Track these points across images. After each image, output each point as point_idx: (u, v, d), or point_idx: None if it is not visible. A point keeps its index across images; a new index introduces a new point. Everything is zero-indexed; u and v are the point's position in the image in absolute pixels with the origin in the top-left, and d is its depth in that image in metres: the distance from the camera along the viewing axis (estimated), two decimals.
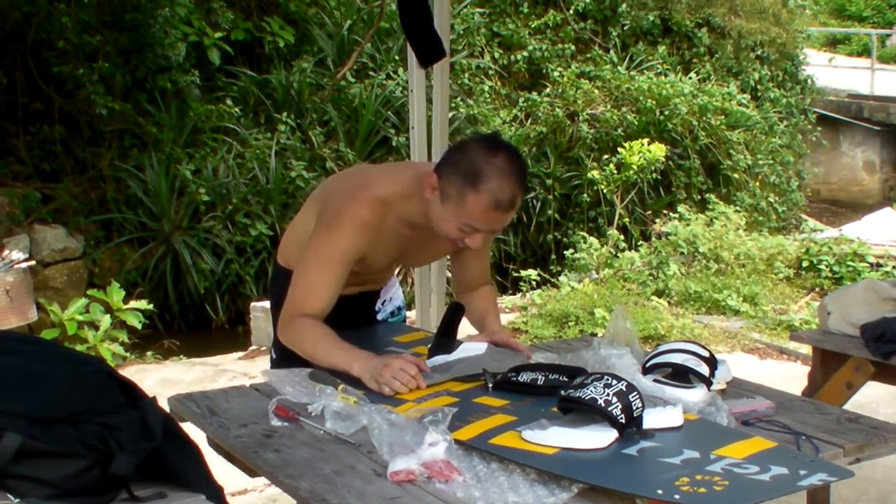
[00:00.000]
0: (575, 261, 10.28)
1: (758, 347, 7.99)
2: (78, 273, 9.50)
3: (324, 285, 3.09)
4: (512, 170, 2.93)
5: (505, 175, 2.91)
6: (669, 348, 3.05)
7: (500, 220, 3.00)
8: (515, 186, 2.93)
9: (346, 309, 3.40)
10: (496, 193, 2.89)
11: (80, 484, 2.15)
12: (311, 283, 3.10)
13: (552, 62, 13.65)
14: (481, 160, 2.92)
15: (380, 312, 3.71)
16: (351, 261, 3.11)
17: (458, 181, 2.93)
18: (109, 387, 2.35)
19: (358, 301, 3.53)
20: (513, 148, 3.07)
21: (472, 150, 2.98)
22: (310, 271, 3.12)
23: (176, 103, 10.74)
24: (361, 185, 3.20)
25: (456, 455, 2.40)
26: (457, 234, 3.01)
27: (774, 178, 13.37)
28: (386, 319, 3.72)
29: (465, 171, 2.92)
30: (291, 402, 2.82)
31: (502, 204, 2.91)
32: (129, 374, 2.78)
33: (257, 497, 5.04)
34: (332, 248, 3.09)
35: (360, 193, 3.14)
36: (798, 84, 16.00)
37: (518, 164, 2.98)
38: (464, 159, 2.96)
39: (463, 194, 2.92)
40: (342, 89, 11.85)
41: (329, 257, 3.09)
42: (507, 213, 2.96)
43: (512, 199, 2.92)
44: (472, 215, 2.93)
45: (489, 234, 3.08)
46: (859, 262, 9.97)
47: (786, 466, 2.28)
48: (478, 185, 2.89)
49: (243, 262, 10.00)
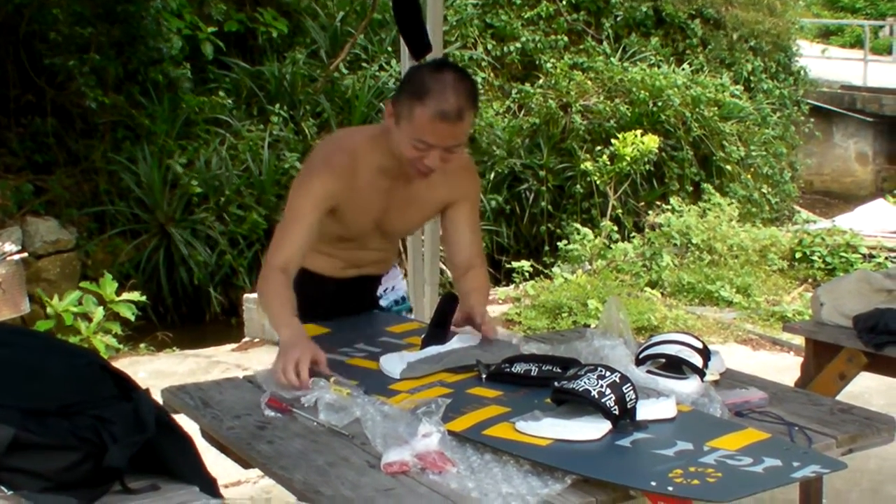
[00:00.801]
0: (568, 252, 10.29)
1: (751, 338, 8.00)
2: (71, 265, 9.48)
3: (293, 235, 3.19)
4: (456, 84, 3.06)
5: (449, 88, 3.03)
6: (663, 339, 3.05)
7: (450, 133, 3.08)
8: (461, 99, 3.04)
9: (347, 292, 3.44)
10: (441, 104, 3.01)
11: (74, 476, 2.15)
12: (283, 235, 3.21)
13: (545, 53, 13.64)
14: (427, 77, 3.08)
15: (382, 299, 3.71)
16: (323, 207, 3.20)
17: (407, 99, 3.08)
18: (103, 379, 2.35)
19: (358, 285, 3.56)
20: (460, 68, 3.25)
21: (421, 71, 3.18)
22: (283, 224, 3.25)
23: (168, 95, 10.72)
24: (329, 140, 3.53)
25: (450, 446, 2.40)
26: (414, 154, 3.10)
27: (767, 169, 13.37)
28: (391, 308, 3.72)
29: (413, 88, 3.08)
30: (284, 393, 2.82)
31: (448, 115, 3.02)
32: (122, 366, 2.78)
33: (251, 488, 5.03)
34: (302, 197, 3.21)
35: (328, 145, 3.41)
36: (791, 75, 16.00)
37: (464, 80, 3.12)
38: (411, 79, 3.15)
39: (412, 109, 3.05)
40: (335, 81, 11.84)
41: (300, 206, 3.21)
42: (455, 124, 3.05)
43: (458, 110, 3.03)
44: (421, 128, 3.05)
45: (446, 154, 3.13)
46: (852, 254, 9.99)
47: (779, 458, 2.29)
48: (424, 98, 3.03)
49: (236, 254, 9.99)
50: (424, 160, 3.11)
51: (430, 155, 3.10)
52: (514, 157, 12.10)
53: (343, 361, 3.09)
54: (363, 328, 3.44)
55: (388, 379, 2.94)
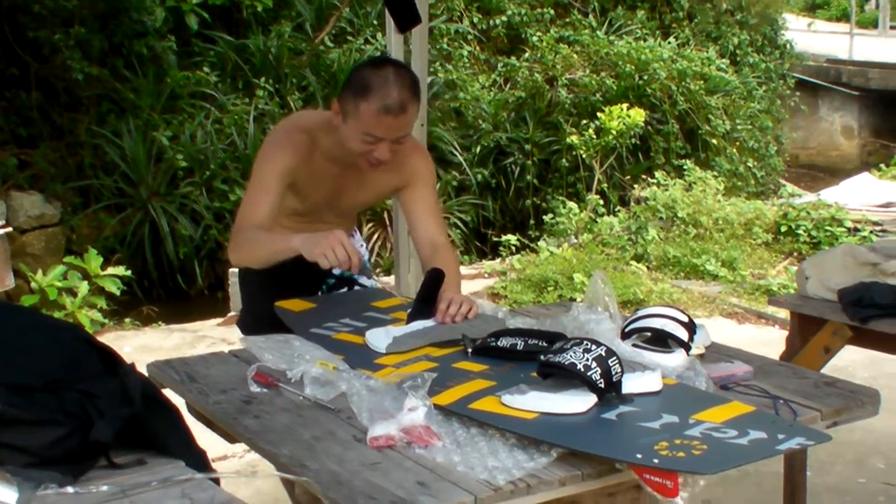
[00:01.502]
0: (554, 226, 10.30)
1: (736, 312, 8.03)
2: (55, 240, 9.45)
3: (262, 203, 3.31)
4: (397, 78, 3.21)
5: (391, 82, 3.18)
6: (648, 313, 3.06)
7: (395, 125, 3.22)
8: (404, 91, 3.19)
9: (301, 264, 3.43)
10: (384, 99, 3.16)
11: (60, 451, 2.15)
12: (252, 204, 3.34)
13: (531, 27, 13.59)
14: (369, 74, 3.23)
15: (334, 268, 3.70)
16: (284, 180, 3.33)
17: (352, 96, 3.22)
18: (88, 354, 2.34)
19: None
20: (400, 63, 3.45)
21: (362, 69, 3.31)
22: (250, 195, 3.39)
23: (153, 69, 10.66)
24: (288, 120, 3.67)
25: (435, 420, 2.41)
26: (363, 147, 3.25)
27: (753, 143, 13.38)
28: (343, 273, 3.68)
29: (357, 86, 3.22)
30: (270, 368, 2.83)
31: (391, 108, 3.17)
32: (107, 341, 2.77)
33: (237, 463, 5.04)
34: (264, 171, 3.36)
35: (288, 124, 3.56)
36: (777, 49, 15.97)
37: (404, 74, 3.28)
38: (354, 77, 3.28)
39: (357, 106, 3.20)
40: (320, 54, 11.79)
41: (266, 177, 3.34)
42: (398, 117, 3.20)
43: (401, 103, 3.18)
44: (367, 123, 3.19)
45: (394, 145, 3.26)
46: (837, 227, 10.02)
47: (764, 431, 2.29)
48: (367, 94, 3.18)
49: (222, 228, 9.95)
50: (374, 153, 3.25)
51: (379, 147, 3.24)
52: (499, 130, 12.08)
53: (329, 336, 3.10)
54: (349, 303, 3.44)
55: (374, 353, 2.94)
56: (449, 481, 2.17)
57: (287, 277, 3.51)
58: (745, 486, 4.82)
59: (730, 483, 4.79)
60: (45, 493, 2.07)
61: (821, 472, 4.94)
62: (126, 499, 2.08)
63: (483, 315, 3.23)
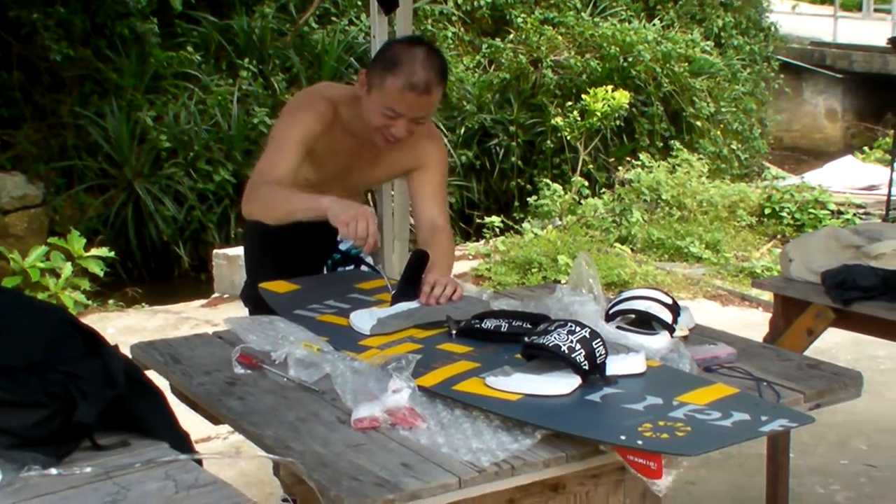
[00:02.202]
0: (538, 207, 10.30)
1: (720, 294, 8.05)
2: (38, 220, 9.42)
3: (282, 159, 3.31)
4: (427, 59, 3.24)
5: (420, 62, 3.21)
6: (632, 295, 3.06)
7: (417, 104, 3.25)
8: (431, 73, 3.22)
9: (306, 238, 3.45)
10: (411, 76, 3.19)
11: (43, 433, 2.14)
12: (270, 158, 3.34)
13: (515, 8, 13.55)
14: (401, 51, 3.27)
15: (342, 243, 3.70)
16: (305, 144, 3.33)
17: (380, 69, 3.26)
18: (71, 335, 2.33)
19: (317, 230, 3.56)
20: (433, 47, 3.45)
21: (395, 45, 3.38)
22: (268, 153, 3.38)
23: (136, 49, 10.62)
24: (312, 88, 3.68)
25: (419, 402, 2.40)
26: (382, 122, 3.27)
27: (737, 125, 13.38)
28: (350, 250, 3.70)
29: (386, 60, 3.27)
30: (255, 349, 2.82)
31: (417, 86, 3.20)
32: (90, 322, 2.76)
33: (221, 444, 5.04)
34: (286, 132, 3.36)
35: (312, 92, 3.60)
36: (761, 31, 15.97)
37: (435, 57, 3.30)
38: (386, 53, 3.33)
39: (383, 79, 3.22)
40: (304, 35, 11.76)
41: (285, 139, 3.35)
42: (422, 96, 3.23)
43: (427, 83, 3.21)
44: (390, 97, 3.22)
45: (412, 125, 3.29)
46: (820, 210, 10.06)
47: (747, 412, 2.30)
48: (395, 69, 3.21)
49: (206, 210, 9.94)
50: (391, 129, 3.27)
51: (397, 124, 3.26)
52: (484, 112, 12.07)
53: (313, 318, 3.09)
54: (333, 285, 3.44)
55: (359, 335, 2.94)
56: (433, 463, 2.17)
57: (294, 248, 3.56)
58: (728, 467, 4.84)
59: (713, 465, 4.81)
60: (29, 474, 2.06)
61: (804, 453, 4.96)
62: (109, 480, 2.08)
63: (467, 297, 3.23)
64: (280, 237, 3.54)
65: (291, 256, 3.59)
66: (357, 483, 2.07)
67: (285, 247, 3.59)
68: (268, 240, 3.62)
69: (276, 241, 3.58)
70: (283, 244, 3.59)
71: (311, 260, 3.64)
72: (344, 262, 3.72)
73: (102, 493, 2.03)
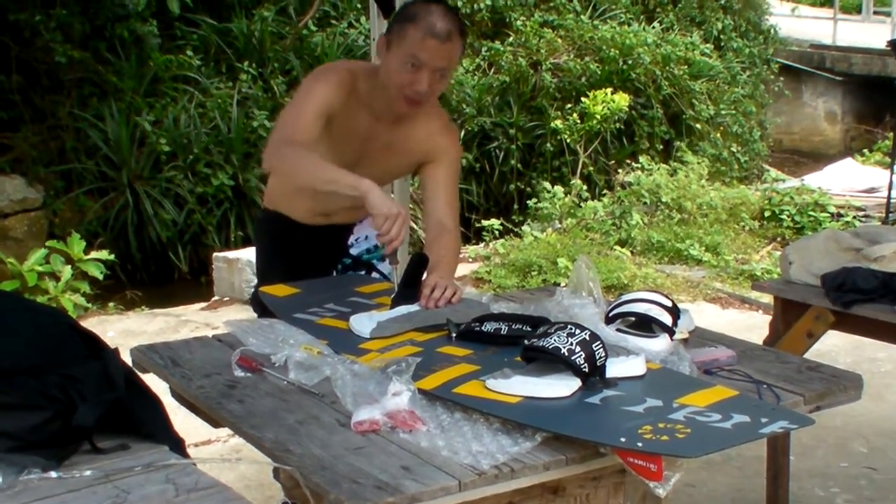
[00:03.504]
0: (538, 210, 10.29)
1: (720, 297, 8.04)
2: (38, 223, 9.42)
3: (307, 119, 3.25)
4: (447, 13, 3.23)
5: (439, 14, 3.20)
6: (632, 298, 3.06)
7: (439, 52, 3.20)
8: (451, 22, 3.21)
9: (316, 241, 3.44)
10: (432, 25, 3.17)
11: (42, 436, 2.14)
12: (294, 120, 3.28)
13: (515, 11, 13.55)
14: (419, 7, 3.24)
15: (353, 247, 3.70)
16: (325, 112, 3.26)
17: (398, 25, 3.25)
18: (71, 338, 2.33)
19: (327, 233, 3.57)
20: (451, 6, 3.38)
21: (410, 4, 3.32)
22: (292, 110, 3.35)
23: (136, 52, 10.62)
24: (331, 62, 3.77)
25: (420, 405, 2.40)
26: (404, 78, 3.22)
27: (737, 128, 13.38)
28: (361, 255, 3.71)
29: (406, 15, 3.26)
30: (254, 352, 2.82)
31: (439, 33, 3.17)
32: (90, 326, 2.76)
33: (221, 447, 5.04)
34: (309, 97, 3.30)
35: (331, 64, 3.69)
36: (761, 34, 15.97)
37: (452, 12, 3.29)
38: (405, 11, 3.31)
39: (404, 31, 3.21)
40: (304, 38, 11.76)
41: (307, 102, 3.29)
42: (444, 43, 3.19)
43: (448, 30, 3.19)
44: (412, 45, 3.18)
45: (434, 78, 3.25)
46: (820, 212, 10.06)
47: (747, 414, 2.30)
48: (416, 20, 3.20)
49: (205, 213, 9.94)
50: (415, 85, 3.21)
51: (419, 78, 3.20)
52: (483, 115, 12.06)
53: (313, 321, 3.09)
54: (333, 288, 3.43)
55: (358, 338, 2.94)
56: (433, 466, 2.17)
57: (304, 251, 3.55)
58: (728, 469, 4.83)
59: (713, 467, 4.81)
60: (29, 477, 2.06)
61: (803, 456, 4.96)
62: (109, 483, 2.08)
63: (467, 300, 3.23)
64: (290, 240, 3.55)
65: (301, 260, 3.57)
66: (357, 486, 2.07)
67: (295, 250, 3.58)
68: (278, 243, 3.61)
69: (286, 244, 3.57)
70: (293, 247, 3.58)
71: (320, 263, 3.63)
72: (354, 267, 3.71)
73: (102, 497, 2.03)
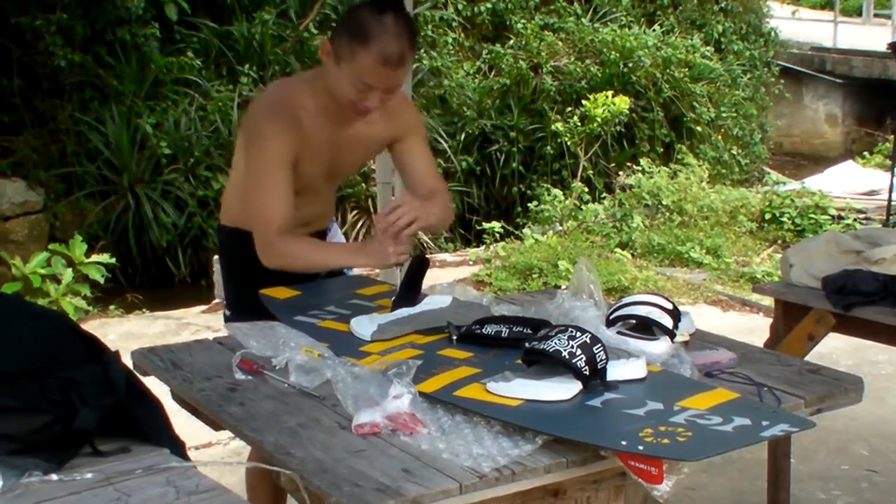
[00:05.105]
0: (539, 213, 10.29)
1: (720, 299, 8.04)
2: (39, 227, 9.43)
3: (277, 196, 3.18)
4: (399, 28, 3.06)
5: (392, 32, 3.04)
6: (633, 300, 3.06)
7: (392, 77, 3.11)
8: (403, 42, 3.07)
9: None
10: (384, 49, 3.03)
11: (43, 439, 2.14)
12: (267, 201, 3.20)
13: (516, 14, 13.56)
14: (369, 19, 3.06)
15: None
16: (288, 164, 3.19)
17: (348, 40, 3.07)
18: (72, 341, 2.33)
19: None
20: (401, 8, 3.19)
21: (361, 11, 3.13)
22: (259, 190, 3.22)
23: (136, 55, 10.62)
24: (268, 97, 3.47)
25: (420, 407, 2.40)
26: (354, 95, 3.13)
27: (737, 130, 13.38)
28: None
29: (354, 29, 3.07)
30: (255, 355, 2.82)
31: (391, 59, 3.05)
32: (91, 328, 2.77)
33: (221, 450, 5.04)
34: (267, 158, 3.19)
35: (269, 103, 3.36)
36: (761, 37, 15.98)
37: (406, 23, 3.12)
38: (353, 20, 3.12)
39: (354, 52, 3.06)
40: (305, 41, 11.75)
41: (269, 167, 3.19)
42: (397, 69, 3.09)
43: (400, 54, 3.06)
44: (363, 71, 3.06)
45: (386, 95, 3.17)
46: (821, 215, 10.05)
47: (748, 417, 2.30)
48: (367, 41, 3.03)
49: (206, 216, 9.93)
50: (365, 102, 3.14)
51: (371, 97, 3.13)
52: (484, 118, 12.07)
53: (314, 324, 3.09)
54: (333, 291, 3.43)
55: (359, 341, 2.93)
56: (434, 468, 2.17)
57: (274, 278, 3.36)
58: (729, 472, 4.83)
59: (714, 470, 4.80)
60: (30, 480, 2.06)
61: (804, 459, 4.96)
62: (110, 486, 2.08)
63: (468, 302, 3.23)
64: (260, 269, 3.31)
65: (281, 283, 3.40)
66: (358, 489, 2.07)
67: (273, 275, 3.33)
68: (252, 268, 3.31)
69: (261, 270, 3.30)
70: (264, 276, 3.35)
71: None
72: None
73: (103, 499, 2.03)
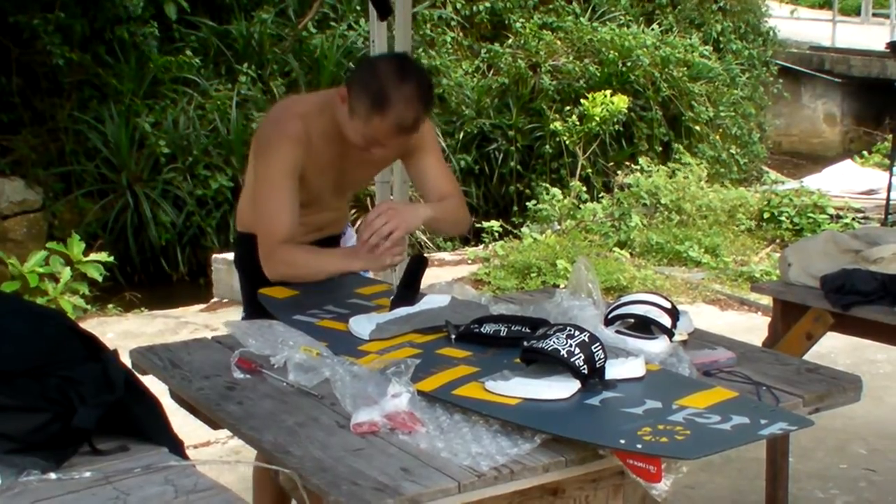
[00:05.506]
0: (537, 212, 10.29)
1: (719, 299, 8.05)
2: (37, 225, 9.42)
3: (282, 207, 3.21)
4: (418, 96, 3.09)
5: (410, 102, 3.07)
6: (631, 299, 3.06)
7: (405, 140, 3.21)
8: (419, 108, 3.10)
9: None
10: (400, 118, 3.06)
11: (42, 437, 2.14)
12: (272, 211, 3.23)
13: (514, 13, 13.57)
14: (390, 85, 3.05)
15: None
16: (294, 176, 3.23)
17: (366, 102, 3.06)
18: (70, 340, 2.33)
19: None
20: (422, 73, 3.24)
21: (382, 72, 3.10)
22: (265, 201, 3.27)
23: (135, 54, 10.61)
24: (278, 110, 3.44)
25: (419, 406, 2.40)
26: (363, 145, 3.17)
27: (736, 129, 13.39)
28: None
29: (374, 93, 3.05)
30: (254, 354, 2.82)
31: (405, 127, 3.10)
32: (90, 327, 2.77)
33: (220, 449, 5.04)
34: (274, 170, 3.23)
35: (279, 116, 3.36)
36: (760, 36, 15.98)
37: (425, 89, 3.15)
38: (373, 81, 3.09)
39: (370, 116, 3.06)
40: (303, 40, 11.75)
41: (275, 179, 3.22)
42: (411, 132, 3.15)
43: (415, 121, 3.11)
44: (376, 133, 3.10)
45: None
46: (819, 214, 10.07)
47: (747, 416, 2.30)
48: (384, 109, 3.04)
49: (204, 215, 9.94)
50: (372, 149, 3.18)
51: (381, 149, 3.19)
52: (483, 117, 12.07)
53: (313, 323, 3.09)
54: (332, 290, 3.43)
55: (358, 340, 2.94)
56: (432, 467, 2.17)
57: None
58: (727, 471, 4.83)
59: (712, 468, 4.81)
60: (28, 479, 2.06)
61: (803, 457, 4.96)
62: (109, 485, 2.08)
63: (466, 301, 3.23)
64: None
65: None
66: (356, 488, 2.07)
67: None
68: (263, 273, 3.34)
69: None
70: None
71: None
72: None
73: (102, 498, 2.03)
